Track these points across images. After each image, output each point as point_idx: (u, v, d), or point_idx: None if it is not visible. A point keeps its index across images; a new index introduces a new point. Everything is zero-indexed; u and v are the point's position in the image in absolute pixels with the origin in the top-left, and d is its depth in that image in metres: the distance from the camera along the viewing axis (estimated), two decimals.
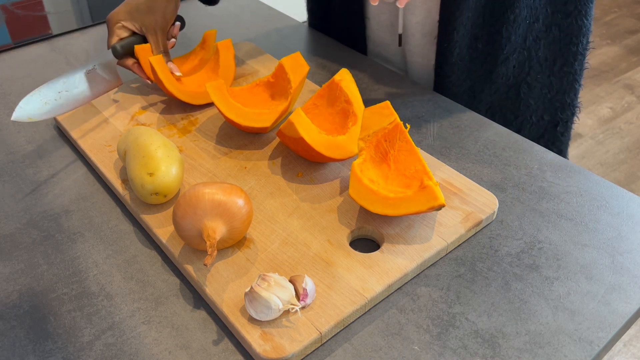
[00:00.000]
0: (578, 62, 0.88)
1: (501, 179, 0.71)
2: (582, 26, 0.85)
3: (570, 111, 0.92)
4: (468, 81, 0.86)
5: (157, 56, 0.78)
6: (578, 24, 0.84)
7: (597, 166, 2.16)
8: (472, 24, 0.81)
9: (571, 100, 0.91)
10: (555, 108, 0.91)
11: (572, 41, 0.86)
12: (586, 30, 0.86)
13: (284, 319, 0.53)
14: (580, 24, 0.84)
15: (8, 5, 1.14)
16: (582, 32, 0.85)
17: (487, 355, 0.52)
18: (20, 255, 0.62)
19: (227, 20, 1.10)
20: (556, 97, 0.90)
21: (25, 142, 0.79)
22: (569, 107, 0.91)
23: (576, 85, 0.90)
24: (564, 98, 0.90)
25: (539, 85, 0.88)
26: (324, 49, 0.99)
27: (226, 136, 0.76)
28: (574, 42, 0.86)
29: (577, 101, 0.92)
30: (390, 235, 0.61)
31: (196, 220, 0.56)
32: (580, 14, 0.83)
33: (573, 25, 0.84)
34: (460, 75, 0.85)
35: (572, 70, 0.88)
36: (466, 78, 0.86)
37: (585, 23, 0.84)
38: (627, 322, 0.55)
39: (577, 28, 0.85)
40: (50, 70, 0.95)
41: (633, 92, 2.57)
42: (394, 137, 0.66)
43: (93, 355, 0.52)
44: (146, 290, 0.58)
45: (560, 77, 0.89)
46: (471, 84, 0.87)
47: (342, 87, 0.73)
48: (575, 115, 0.93)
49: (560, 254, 0.61)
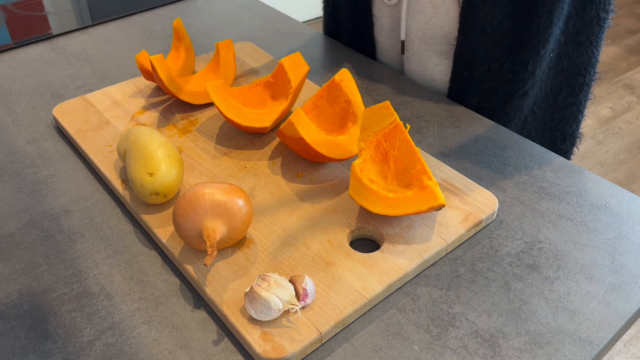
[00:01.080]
0: (583, 93, 0.86)
1: (501, 179, 0.71)
2: (591, 57, 0.83)
3: (570, 142, 0.90)
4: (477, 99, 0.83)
5: (158, 55, 0.78)
6: (588, 54, 0.82)
7: (597, 166, 2.16)
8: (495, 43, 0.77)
9: (572, 131, 0.89)
10: (556, 138, 0.89)
11: (579, 72, 0.84)
12: (595, 61, 0.84)
13: (284, 319, 0.53)
14: (590, 54, 0.82)
15: (8, 5, 1.14)
16: (590, 62, 0.83)
17: (487, 355, 0.52)
18: (20, 255, 0.62)
19: (227, 20, 1.10)
20: (557, 126, 0.88)
21: (25, 142, 0.79)
22: (569, 137, 0.89)
23: (579, 116, 0.88)
24: (565, 128, 0.88)
25: (542, 113, 0.87)
26: (324, 48, 0.99)
27: (226, 136, 0.76)
28: (582, 73, 0.84)
29: (579, 132, 0.90)
30: (390, 235, 0.61)
31: (196, 220, 0.56)
32: (592, 45, 0.82)
33: (583, 55, 0.82)
34: (470, 92, 0.83)
35: (576, 101, 0.86)
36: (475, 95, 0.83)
37: (595, 54, 0.83)
38: (627, 322, 0.55)
39: (587, 59, 0.83)
40: (51, 70, 0.95)
41: (633, 92, 2.57)
42: (394, 137, 0.66)
43: (93, 355, 0.52)
44: (146, 290, 0.58)
45: (564, 107, 0.86)
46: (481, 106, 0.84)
47: (342, 87, 0.73)
48: (575, 145, 0.91)
49: (560, 254, 0.61)
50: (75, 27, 1.07)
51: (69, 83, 0.91)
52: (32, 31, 1.06)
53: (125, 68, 0.95)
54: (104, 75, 0.93)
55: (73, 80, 0.92)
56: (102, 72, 0.94)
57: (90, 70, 0.95)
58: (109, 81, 0.92)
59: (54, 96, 0.88)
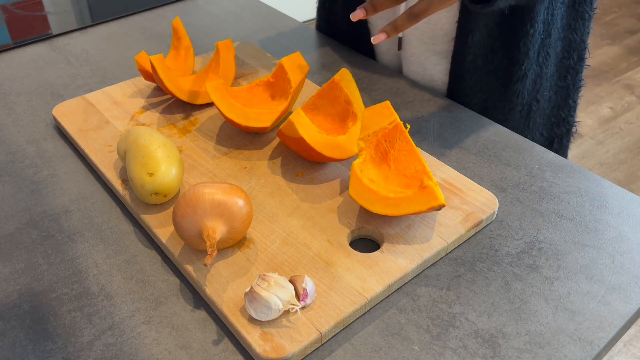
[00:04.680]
0: (571, 76, 0.87)
1: (501, 179, 0.71)
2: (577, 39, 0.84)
3: (565, 127, 0.92)
4: (481, 94, 0.85)
5: (158, 56, 0.78)
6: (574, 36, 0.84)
7: (597, 166, 2.16)
8: (489, 34, 0.80)
9: (565, 116, 0.91)
10: (552, 124, 0.91)
11: (564, 55, 0.85)
12: (583, 45, 0.85)
13: (284, 319, 0.53)
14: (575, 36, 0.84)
15: (8, 5, 1.14)
16: (576, 45, 0.85)
17: (487, 355, 0.52)
18: (20, 255, 0.62)
19: (227, 20, 1.10)
20: (552, 112, 0.90)
21: (25, 142, 0.79)
22: (563, 123, 0.91)
23: (569, 101, 0.90)
24: (558, 114, 0.90)
25: (543, 101, 0.88)
26: (324, 48, 0.99)
27: (226, 136, 0.76)
28: (566, 56, 0.86)
29: (573, 119, 0.92)
30: (390, 235, 0.61)
31: (196, 220, 0.56)
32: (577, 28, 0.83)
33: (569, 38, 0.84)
34: (473, 86, 0.84)
35: (565, 85, 0.88)
36: (479, 91, 0.85)
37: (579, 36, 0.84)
38: (627, 322, 0.55)
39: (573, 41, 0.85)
40: (50, 70, 0.95)
41: (633, 92, 2.57)
42: (394, 137, 0.66)
43: (93, 355, 0.52)
44: (146, 290, 0.58)
45: (555, 91, 0.88)
46: (484, 98, 0.85)
47: (342, 87, 0.73)
48: (570, 134, 0.93)
49: (560, 254, 0.61)
50: (75, 27, 1.07)
51: (69, 83, 0.91)
52: (32, 31, 1.06)
53: (125, 68, 0.95)
54: (104, 75, 0.93)
55: (73, 80, 0.92)
56: (102, 72, 0.94)
57: (90, 70, 0.95)
58: (109, 81, 0.92)
59: (54, 96, 0.88)
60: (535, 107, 0.87)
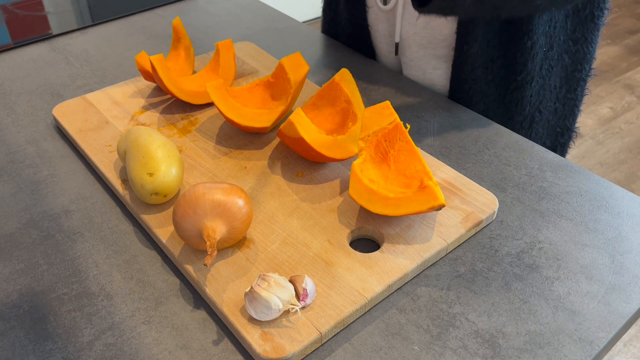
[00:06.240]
0: (580, 88, 0.88)
1: (501, 179, 0.71)
2: (587, 53, 0.85)
3: (567, 135, 0.93)
4: (481, 104, 0.85)
5: (158, 56, 0.78)
6: (583, 50, 0.85)
7: (597, 166, 2.16)
8: (488, 43, 0.80)
9: (570, 124, 0.92)
10: (556, 133, 0.92)
11: (576, 68, 0.86)
12: (590, 57, 0.86)
13: (284, 319, 0.53)
14: (585, 50, 0.85)
15: (8, 5, 1.15)
16: (586, 58, 0.86)
17: (487, 355, 0.52)
18: (20, 255, 0.62)
19: (227, 20, 1.10)
20: (558, 122, 0.91)
21: (25, 142, 0.79)
22: (567, 131, 0.92)
23: (575, 111, 0.91)
24: (564, 123, 0.91)
25: (547, 112, 0.88)
26: (324, 48, 0.99)
27: (226, 136, 0.76)
28: (578, 68, 0.86)
29: (575, 126, 0.93)
30: (390, 235, 0.61)
31: (196, 220, 0.56)
32: (587, 42, 0.84)
33: (579, 52, 0.85)
34: (473, 96, 0.84)
35: (574, 97, 0.89)
36: (479, 100, 0.85)
37: (589, 50, 0.85)
38: (627, 322, 0.55)
39: (582, 55, 0.85)
40: (50, 70, 0.95)
41: (633, 92, 2.57)
42: (394, 137, 0.66)
43: (93, 355, 0.52)
44: (146, 290, 0.58)
45: (563, 102, 0.89)
46: (484, 107, 0.86)
47: (342, 87, 0.73)
48: (572, 139, 0.94)
49: (560, 254, 0.61)
50: (75, 27, 1.07)
51: (69, 83, 0.91)
52: (32, 31, 1.06)
53: (125, 68, 0.95)
54: (104, 75, 0.93)
55: (73, 80, 0.92)
56: (102, 72, 0.94)
57: (90, 70, 0.95)
58: (109, 81, 0.92)
59: (54, 96, 0.88)
60: (537, 118, 0.87)
